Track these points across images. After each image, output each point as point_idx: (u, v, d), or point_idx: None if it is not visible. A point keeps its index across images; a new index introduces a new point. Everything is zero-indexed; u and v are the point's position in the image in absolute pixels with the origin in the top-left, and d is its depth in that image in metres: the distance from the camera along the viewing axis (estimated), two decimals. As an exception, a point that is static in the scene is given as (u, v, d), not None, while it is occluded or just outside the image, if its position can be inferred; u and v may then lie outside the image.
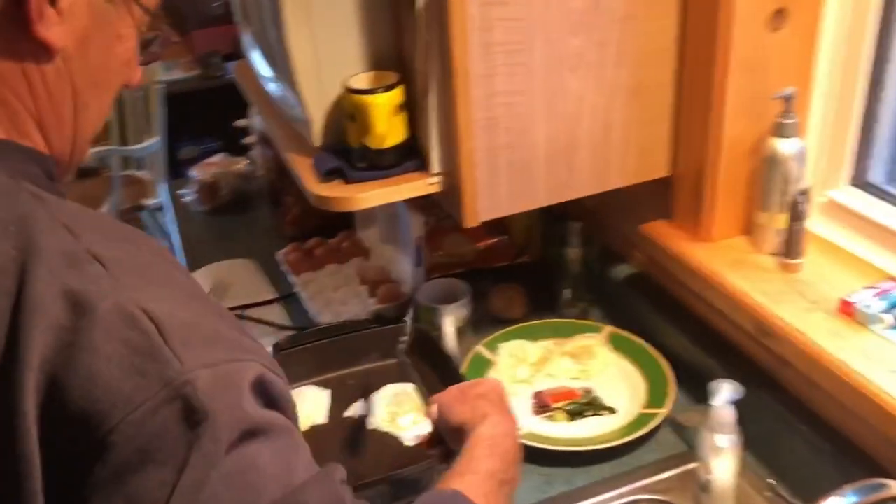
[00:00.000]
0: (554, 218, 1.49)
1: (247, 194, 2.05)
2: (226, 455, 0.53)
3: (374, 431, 1.17)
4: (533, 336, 1.40)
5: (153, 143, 3.36)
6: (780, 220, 1.12)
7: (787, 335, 1.01)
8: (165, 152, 3.50)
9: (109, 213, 3.27)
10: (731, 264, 1.14)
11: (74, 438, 0.52)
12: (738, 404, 1.00)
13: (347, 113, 1.12)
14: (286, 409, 0.60)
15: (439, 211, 1.63)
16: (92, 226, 0.60)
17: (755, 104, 1.11)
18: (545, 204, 1.17)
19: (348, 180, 1.12)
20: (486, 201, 1.13)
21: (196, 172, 2.01)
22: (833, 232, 1.17)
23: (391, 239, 1.62)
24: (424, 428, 1.17)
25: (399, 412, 1.18)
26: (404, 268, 1.56)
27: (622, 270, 1.47)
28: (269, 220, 1.95)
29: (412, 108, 1.13)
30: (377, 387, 1.24)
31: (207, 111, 3.87)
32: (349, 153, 1.15)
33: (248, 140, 2.04)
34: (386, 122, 1.10)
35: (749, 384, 1.11)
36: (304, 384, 1.26)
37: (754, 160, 1.15)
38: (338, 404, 1.22)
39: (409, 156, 1.14)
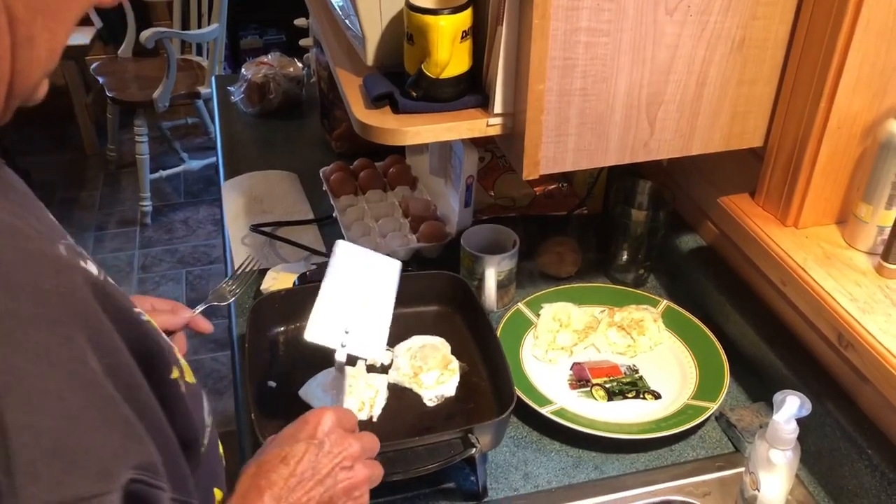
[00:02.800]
0: (623, 172, 1.35)
1: (297, 100, 1.93)
2: None
3: (395, 386, 1.08)
4: (581, 299, 1.28)
5: (213, 29, 3.24)
6: (886, 217, 0.97)
7: (872, 351, 0.88)
8: (225, 40, 3.38)
9: (164, 95, 3.18)
10: (820, 258, 1.00)
11: None
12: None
13: (406, 33, 0.99)
14: None
15: (496, 147, 1.50)
16: None
17: (879, 78, 0.95)
18: (616, 163, 1.03)
19: (399, 109, 1.00)
20: (551, 152, 1.00)
21: (246, 70, 1.89)
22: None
23: (441, 171, 1.49)
24: (449, 388, 1.08)
25: (424, 367, 1.08)
26: (452, 205, 1.44)
27: (689, 241, 1.33)
28: (318, 131, 1.84)
29: (478, 37, 0.99)
30: (406, 335, 1.15)
31: (276, 1, 3.73)
32: (403, 79, 1.02)
33: (305, 42, 1.91)
34: (448, 49, 0.96)
35: (817, 392, 0.99)
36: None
37: (866, 143, 0.99)
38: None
39: (470, 90, 1.01)
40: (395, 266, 1.05)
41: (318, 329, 0.93)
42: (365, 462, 0.76)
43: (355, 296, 0.99)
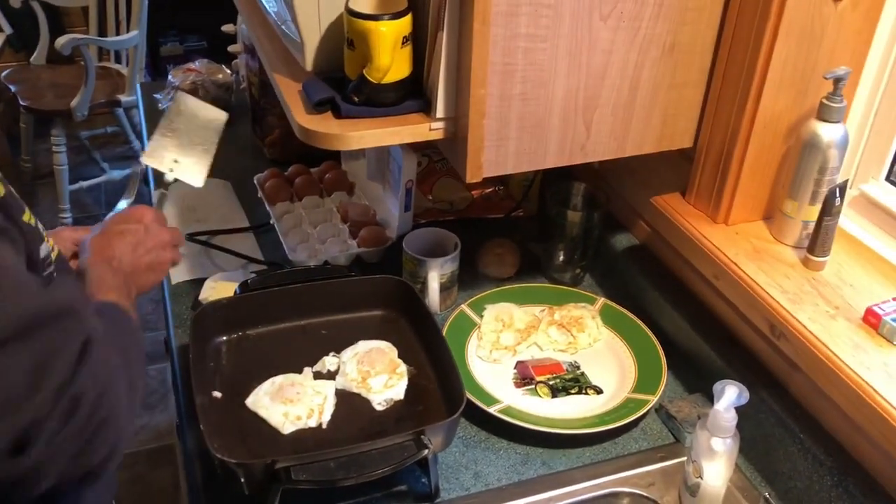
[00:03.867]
0: (557, 175, 1.38)
1: (226, 107, 1.89)
2: None
3: (343, 392, 1.08)
4: (522, 299, 1.30)
5: (133, 36, 3.16)
6: (810, 212, 1.02)
7: (803, 340, 0.92)
8: (146, 47, 3.30)
9: (82, 104, 3.09)
10: (750, 252, 1.05)
11: None
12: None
13: (346, 38, 0.99)
14: None
15: (433, 152, 1.51)
16: None
17: (801, 80, 1.00)
18: (554, 165, 1.05)
19: (341, 114, 1.00)
20: (493, 156, 1.01)
21: (174, 77, 1.86)
22: (861, 229, 1.07)
23: (379, 176, 1.50)
24: (397, 392, 1.08)
25: (371, 372, 1.09)
26: (391, 209, 1.45)
27: (623, 240, 1.37)
28: (248, 138, 1.82)
29: (418, 42, 1.00)
30: (352, 341, 1.15)
31: (196, 7, 3.66)
32: (343, 84, 1.02)
33: (234, 48, 1.88)
34: (389, 54, 0.97)
35: (750, 382, 1.03)
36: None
37: (790, 142, 1.04)
38: (308, 357, 1.13)
39: (411, 95, 1.02)
40: (222, 115, 1.28)
41: (153, 156, 1.16)
42: (172, 249, 1.04)
43: (186, 135, 1.21)
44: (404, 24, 0.97)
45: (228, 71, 1.92)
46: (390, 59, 0.97)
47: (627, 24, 0.98)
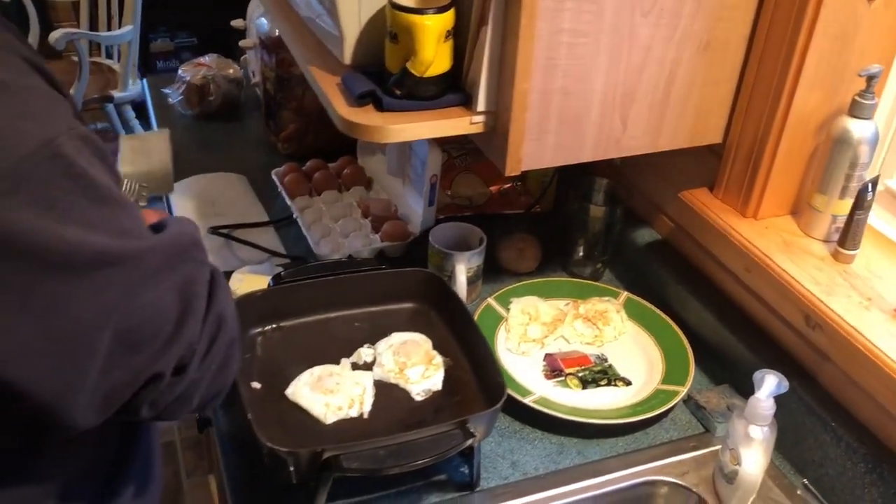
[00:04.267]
0: (574, 171, 1.40)
1: (236, 102, 1.90)
2: None
3: (381, 383, 1.09)
4: (546, 293, 1.32)
5: (128, 31, 3.13)
6: (839, 206, 1.05)
7: (839, 330, 0.95)
8: (139, 43, 3.28)
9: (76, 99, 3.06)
10: (780, 245, 1.07)
11: None
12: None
13: (388, 32, 1.00)
14: None
15: (454, 147, 1.52)
16: None
17: (833, 77, 1.03)
18: (590, 160, 1.07)
19: (384, 107, 1.01)
20: (532, 149, 1.03)
21: (184, 72, 1.85)
22: (885, 223, 1.10)
23: (399, 172, 1.51)
24: (435, 382, 1.09)
25: (408, 363, 1.10)
26: (412, 204, 1.45)
27: (644, 235, 1.39)
28: (261, 133, 1.82)
29: (460, 37, 1.01)
30: (385, 333, 1.16)
31: (187, 3, 3.64)
32: (383, 77, 1.03)
33: (245, 43, 1.88)
34: (434, 48, 0.98)
35: (780, 373, 1.05)
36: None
37: (820, 138, 1.07)
38: (343, 348, 1.13)
39: (452, 89, 1.03)
40: (165, 132, 1.51)
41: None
42: None
43: (145, 164, 1.44)
44: (448, 19, 0.98)
45: (237, 66, 1.92)
46: (434, 53, 0.99)
47: (667, 20, 1.00)
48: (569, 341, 1.25)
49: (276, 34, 1.71)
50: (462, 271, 1.26)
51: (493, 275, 1.38)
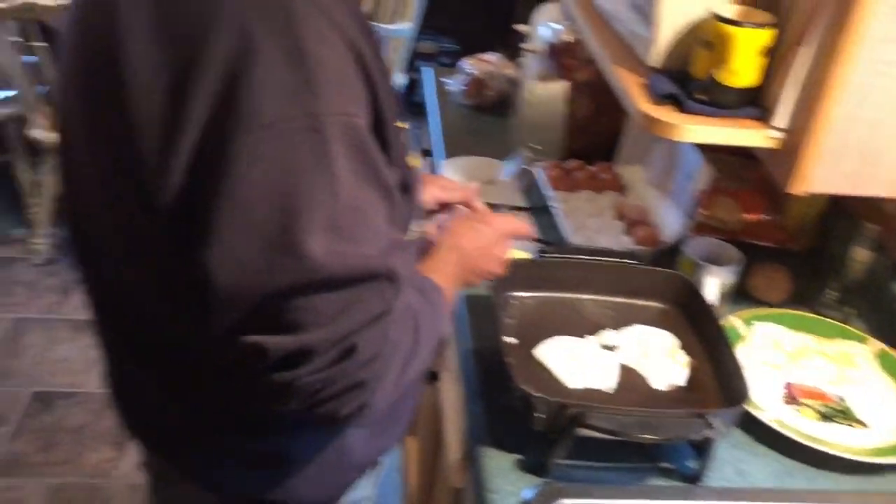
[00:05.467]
0: (843, 213, 1.39)
1: (509, 100, 2.03)
2: None
3: (624, 367, 1.15)
4: (792, 325, 1.32)
5: (405, 27, 3.38)
6: None
7: None
8: (413, 41, 3.53)
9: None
10: None
11: None
12: None
13: (703, 40, 1.07)
14: None
15: (719, 169, 1.55)
16: None
17: None
18: (884, 195, 1.07)
19: (685, 110, 1.07)
20: (823, 173, 1.05)
21: (469, 66, 2.01)
22: None
23: (660, 183, 1.56)
24: (678, 377, 1.14)
25: (650, 353, 1.15)
26: (667, 214, 1.50)
27: (908, 290, 1.35)
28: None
29: (772, 56, 1.06)
30: (630, 324, 1.22)
31: (458, 11, 3.88)
32: (686, 82, 1.09)
33: (528, 47, 2.01)
34: (745, 60, 1.04)
35: None
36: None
37: None
38: (590, 328, 1.21)
39: (751, 103, 1.08)
40: None
41: None
42: (502, 265, 1.10)
43: None
44: (766, 36, 1.03)
45: (517, 66, 2.06)
46: (745, 65, 1.04)
47: None
48: (809, 375, 1.25)
49: (561, 41, 1.83)
50: (715, 284, 1.29)
51: (737, 298, 1.40)
